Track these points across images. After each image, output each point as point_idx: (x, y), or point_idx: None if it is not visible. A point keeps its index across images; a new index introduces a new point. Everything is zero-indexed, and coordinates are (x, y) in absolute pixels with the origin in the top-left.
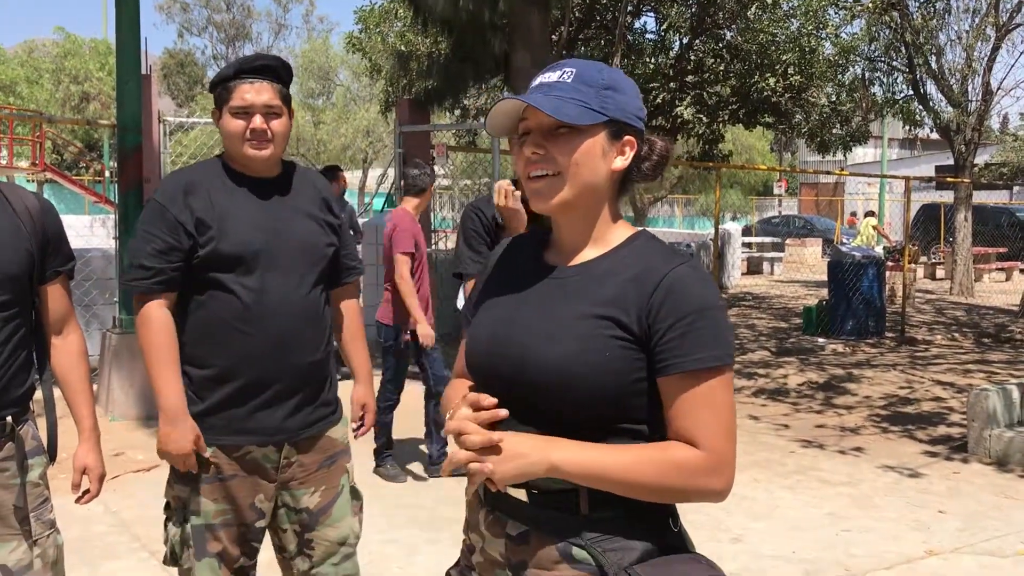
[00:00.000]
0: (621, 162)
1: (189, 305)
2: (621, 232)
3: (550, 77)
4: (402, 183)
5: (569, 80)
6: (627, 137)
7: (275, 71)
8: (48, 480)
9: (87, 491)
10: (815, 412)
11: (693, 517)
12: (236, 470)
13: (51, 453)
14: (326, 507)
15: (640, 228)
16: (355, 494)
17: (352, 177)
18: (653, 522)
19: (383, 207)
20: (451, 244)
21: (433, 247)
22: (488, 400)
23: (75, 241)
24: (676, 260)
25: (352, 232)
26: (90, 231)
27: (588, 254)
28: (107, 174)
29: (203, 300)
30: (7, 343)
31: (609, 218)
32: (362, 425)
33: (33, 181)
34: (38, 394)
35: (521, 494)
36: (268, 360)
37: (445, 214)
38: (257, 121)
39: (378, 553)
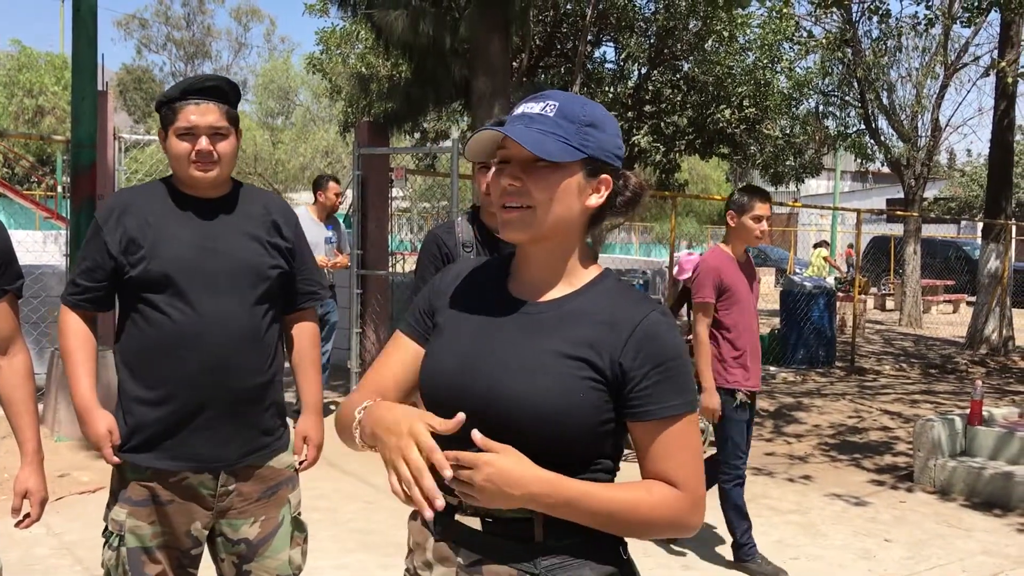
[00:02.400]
0: (596, 200)
1: (127, 326)
2: (589, 270)
3: (533, 108)
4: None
5: (551, 114)
6: (603, 176)
7: (222, 92)
8: None
9: (27, 515)
10: (765, 440)
11: (644, 544)
12: (172, 496)
13: None
14: (266, 538)
15: (605, 267)
16: (298, 525)
17: (310, 197)
18: (605, 549)
19: None
20: (409, 267)
21: (391, 269)
22: (446, 425)
23: (25, 257)
24: (648, 307)
25: (339, 252)
26: (42, 247)
27: (558, 291)
28: (59, 189)
29: (138, 321)
30: None
31: (579, 254)
32: (305, 459)
33: None
34: None
35: (475, 522)
36: (202, 384)
37: (403, 236)
38: (203, 143)
39: None
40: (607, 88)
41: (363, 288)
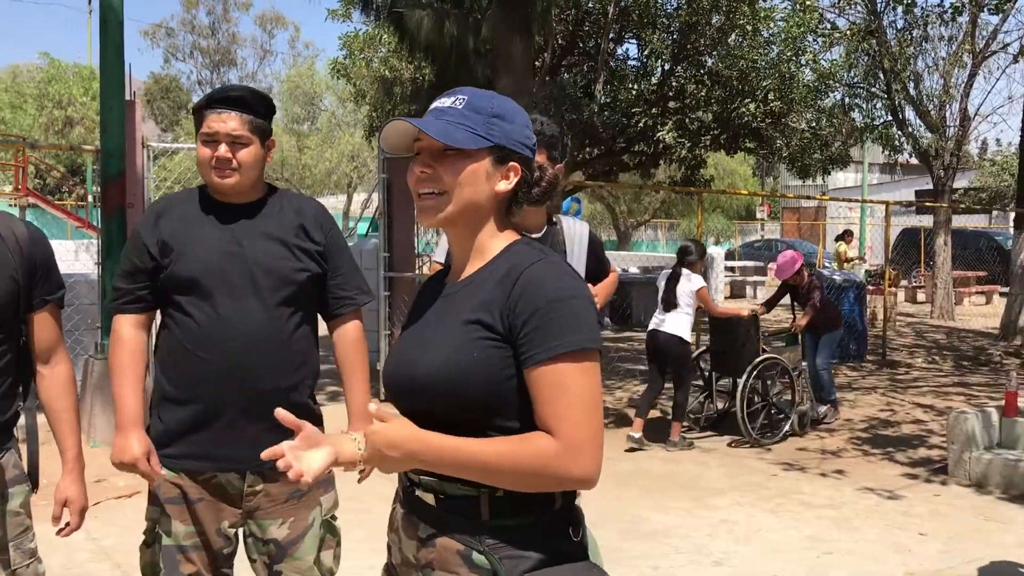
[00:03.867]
0: (504, 185)
1: (162, 327)
2: (501, 243)
3: (444, 103)
4: None
5: (460, 106)
6: (512, 163)
7: (245, 102)
8: (31, 508)
9: (68, 523)
10: (796, 435)
11: (675, 541)
12: (202, 494)
13: (33, 481)
14: (295, 540)
15: (519, 236)
16: (331, 529)
17: (337, 202)
18: (552, 532)
19: (367, 231)
20: (435, 269)
21: (417, 271)
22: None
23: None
24: (535, 257)
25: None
26: (74, 256)
27: (472, 267)
28: (90, 199)
29: (169, 322)
30: None
31: (493, 231)
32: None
33: (16, 206)
34: (21, 420)
35: (429, 498)
36: (223, 385)
37: (429, 238)
38: (222, 150)
39: None
40: (630, 85)
41: (390, 290)
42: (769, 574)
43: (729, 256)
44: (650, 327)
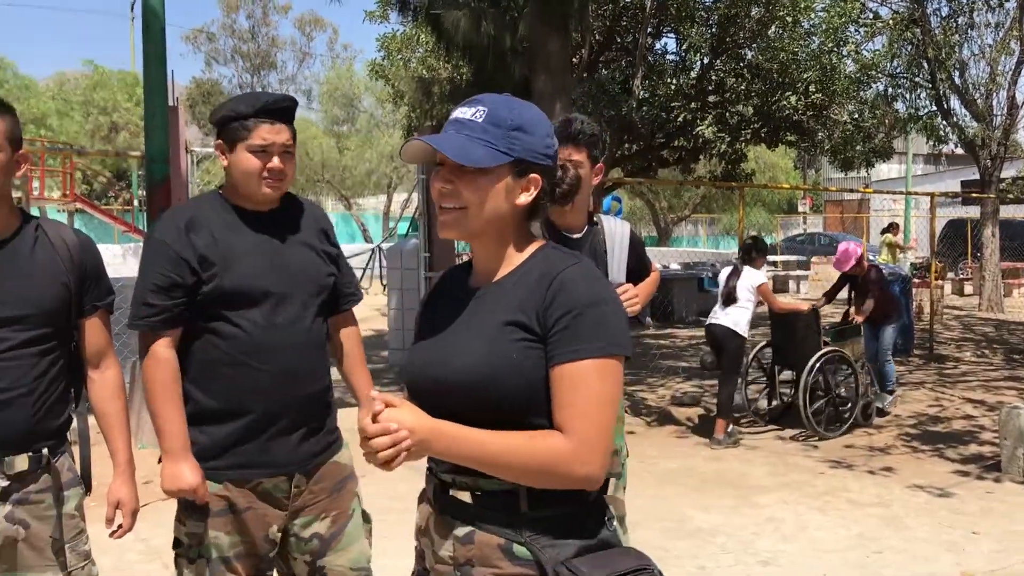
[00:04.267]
0: (525, 198)
1: (195, 342)
2: (528, 249)
3: (464, 113)
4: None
5: (480, 119)
6: (532, 175)
7: (291, 112)
8: (84, 511)
9: (120, 525)
10: (860, 426)
11: (721, 540)
12: (250, 502)
13: (86, 484)
14: (336, 533)
15: (545, 242)
16: (365, 517)
17: (377, 202)
18: (589, 520)
19: (407, 231)
20: None
21: None
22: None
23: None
24: (569, 261)
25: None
26: (122, 260)
27: (500, 273)
28: (135, 203)
29: (209, 336)
30: (44, 376)
31: (519, 240)
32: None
33: (64, 211)
34: (73, 425)
35: (466, 496)
36: (276, 393)
37: None
38: (276, 161)
39: None
40: (669, 80)
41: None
42: (818, 573)
43: (771, 251)
44: (708, 321)
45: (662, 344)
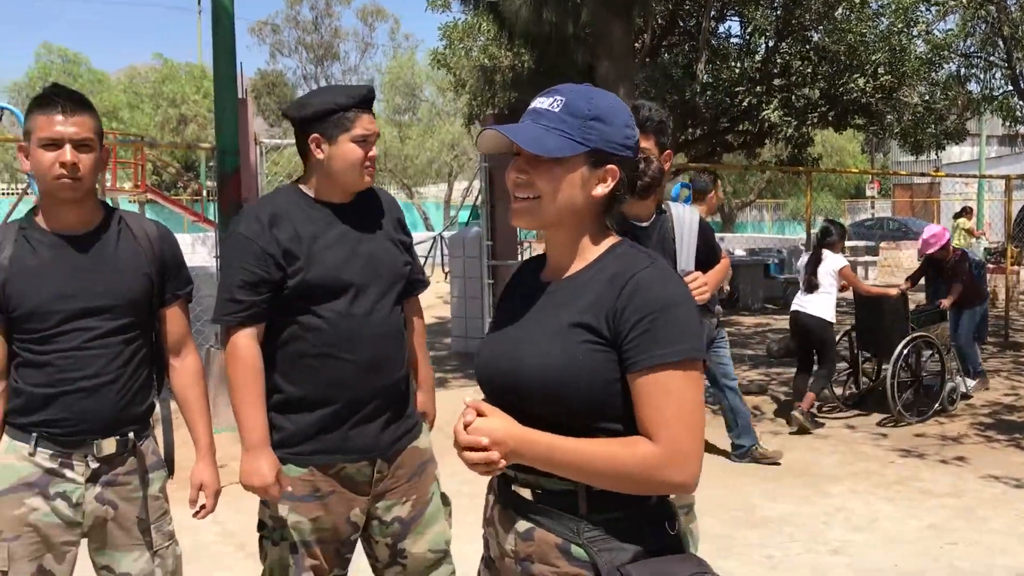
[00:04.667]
0: (602, 189)
1: (281, 334)
2: (603, 244)
3: (542, 103)
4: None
5: (557, 110)
6: (609, 166)
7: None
8: (167, 493)
9: (203, 506)
10: (947, 411)
11: (789, 530)
12: (333, 486)
13: (169, 467)
14: (417, 516)
15: (621, 238)
16: (444, 500)
17: (438, 191)
18: (650, 525)
19: (468, 219)
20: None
21: (519, 260)
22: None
23: None
24: (644, 263)
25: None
26: (191, 250)
27: (574, 268)
28: (204, 193)
29: (294, 328)
30: (129, 363)
31: (594, 234)
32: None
33: (135, 202)
34: (156, 410)
35: (527, 493)
36: (359, 383)
37: None
38: (374, 150)
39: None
40: (733, 63)
41: (494, 278)
42: (889, 564)
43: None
44: (792, 308)
45: (728, 331)
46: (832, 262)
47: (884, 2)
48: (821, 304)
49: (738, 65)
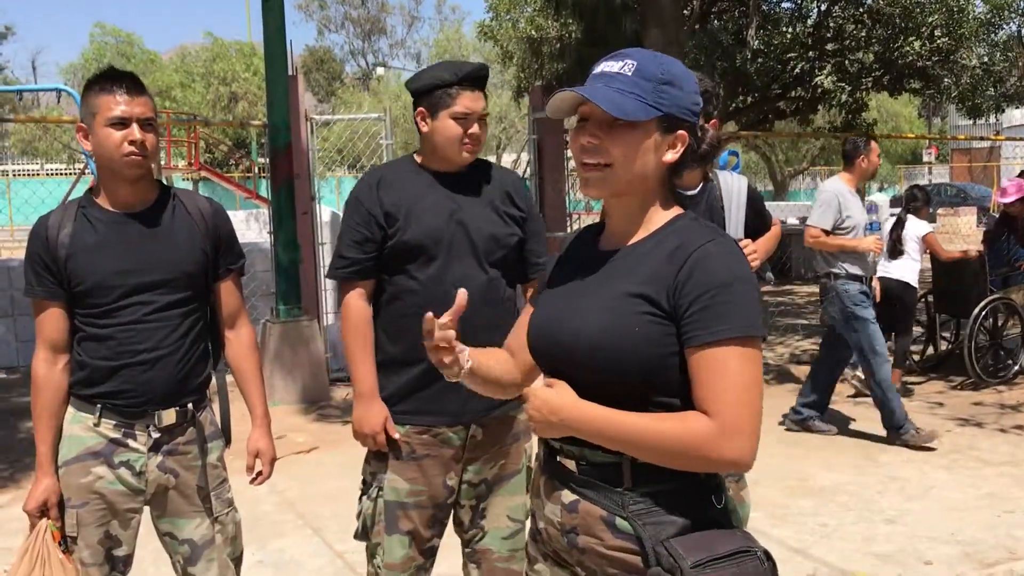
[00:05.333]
0: (672, 155)
1: (383, 294)
2: (667, 214)
3: (612, 67)
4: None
5: (629, 73)
6: (680, 132)
7: (485, 81)
8: (225, 462)
9: (259, 473)
10: (971, 389)
11: (843, 499)
12: (429, 449)
13: (226, 437)
14: (502, 479)
15: (684, 211)
16: (531, 476)
17: None
18: (695, 498)
19: None
20: (586, 223)
21: (567, 232)
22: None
23: None
24: (707, 237)
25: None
26: (245, 226)
27: (636, 237)
28: (255, 170)
29: (393, 288)
30: (187, 336)
31: (658, 204)
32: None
33: (189, 180)
34: (212, 382)
35: (571, 464)
36: None
37: (578, 195)
38: (475, 127)
39: None
40: (785, 29)
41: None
42: (946, 533)
43: (895, 203)
44: (878, 274)
45: (781, 301)
46: (916, 227)
47: None
48: (905, 268)
49: (789, 30)
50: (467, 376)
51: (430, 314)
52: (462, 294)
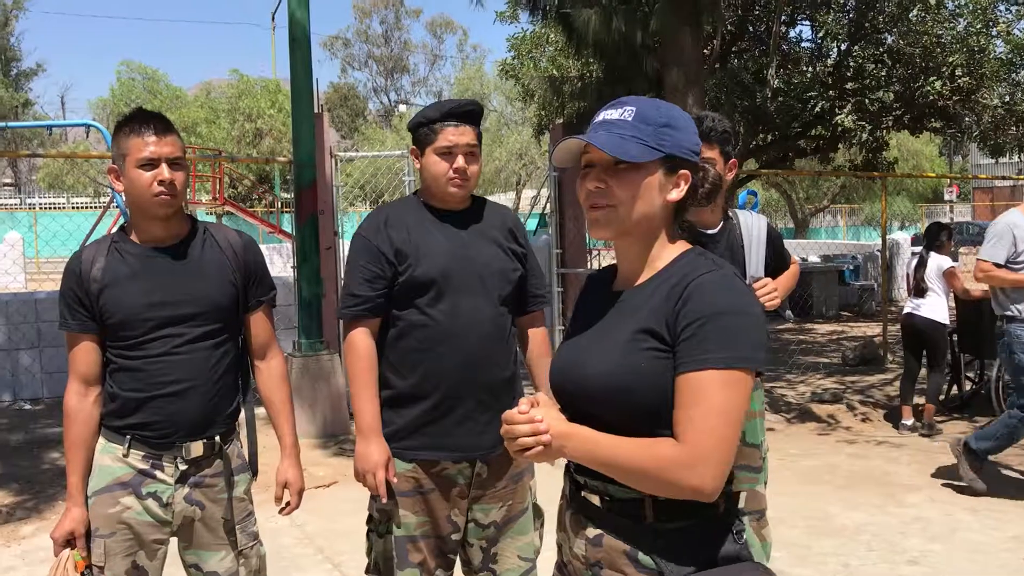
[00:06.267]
0: (676, 194)
1: (392, 330)
2: (673, 252)
3: (611, 115)
4: None
5: (629, 119)
6: (682, 171)
7: (475, 115)
8: (251, 495)
9: (287, 504)
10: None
11: (866, 539)
12: (435, 484)
13: (253, 470)
14: (511, 520)
15: (693, 246)
16: (537, 512)
17: (506, 199)
18: (716, 534)
19: (536, 229)
20: (604, 263)
21: (588, 269)
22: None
23: None
24: (706, 268)
25: None
26: (268, 260)
27: (644, 276)
28: (278, 205)
29: (400, 323)
30: (217, 368)
31: (665, 242)
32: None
33: (212, 214)
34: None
35: (595, 499)
36: (459, 378)
37: None
38: (459, 161)
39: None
40: (804, 68)
41: (563, 286)
42: (970, 575)
43: (916, 241)
44: (905, 311)
45: (801, 339)
46: (939, 263)
47: (961, 2)
48: (934, 306)
49: (810, 69)
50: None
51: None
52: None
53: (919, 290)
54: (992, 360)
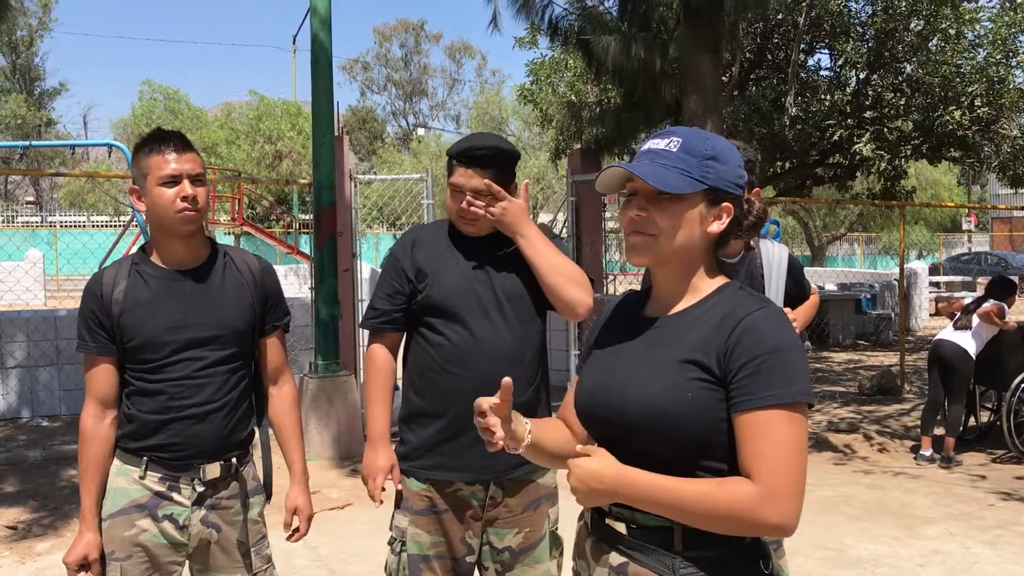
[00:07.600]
0: (717, 227)
1: (411, 347)
2: (712, 283)
3: (658, 144)
4: None
5: (675, 150)
6: (724, 204)
7: (488, 160)
8: (265, 518)
9: (296, 529)
10: (1015, 462)
11: (883, 571)
12: (448, 505)
13: (267, 492)
14: (527, 548)
15: (731, 280)
16: (555, 540)
17: None
18: (744, 563)
19: None
20: (622, 288)
21: (604, 293)
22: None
23: None
24: (755, 305)
25: None
26: (284, 280)
27: (682, 305)
28: (296, 226)
29: (421, 342)
30: (234, 391)
31: (703, 272)
32: None
33: (231, 234)
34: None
35: (621, 527)
36: (474, 399)
37: (612, 256)
38: (463, 202)
39: None
40: (823, 96)
41: None
42: None
43: (934, 271)
44: (937, 336)
45: (818, 368)
46: (986, 304)
47: (981, 33)
48: (967, 338)
49: (828, 98)
50: (528, 449)
51: (481, 399)
52: (507, 382)
53: (962, 326)
54: (1006, 391)
